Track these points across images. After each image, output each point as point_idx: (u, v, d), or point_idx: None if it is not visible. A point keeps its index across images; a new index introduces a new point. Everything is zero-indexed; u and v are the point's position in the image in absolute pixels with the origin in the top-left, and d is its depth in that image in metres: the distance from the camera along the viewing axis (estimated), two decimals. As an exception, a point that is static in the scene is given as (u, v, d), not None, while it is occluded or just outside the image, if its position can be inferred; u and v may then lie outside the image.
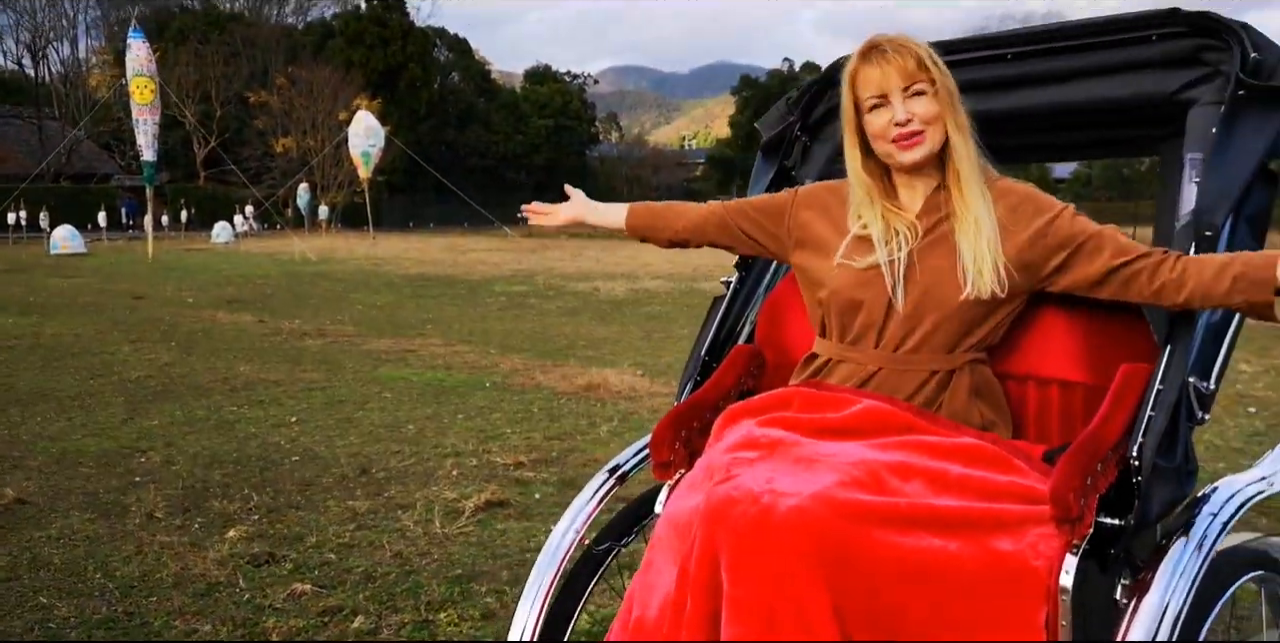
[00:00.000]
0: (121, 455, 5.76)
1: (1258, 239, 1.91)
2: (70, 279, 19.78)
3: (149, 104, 26.28)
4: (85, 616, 3.52)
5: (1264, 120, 1.84)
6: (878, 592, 1.51)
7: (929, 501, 1.59)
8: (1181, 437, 1.74)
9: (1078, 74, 2.10)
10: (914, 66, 1.90)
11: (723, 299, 2.33)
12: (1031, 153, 2.71)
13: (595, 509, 2.05)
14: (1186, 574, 1.59)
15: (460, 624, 3.45)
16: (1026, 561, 1.56)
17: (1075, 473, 1.58)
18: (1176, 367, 1.71)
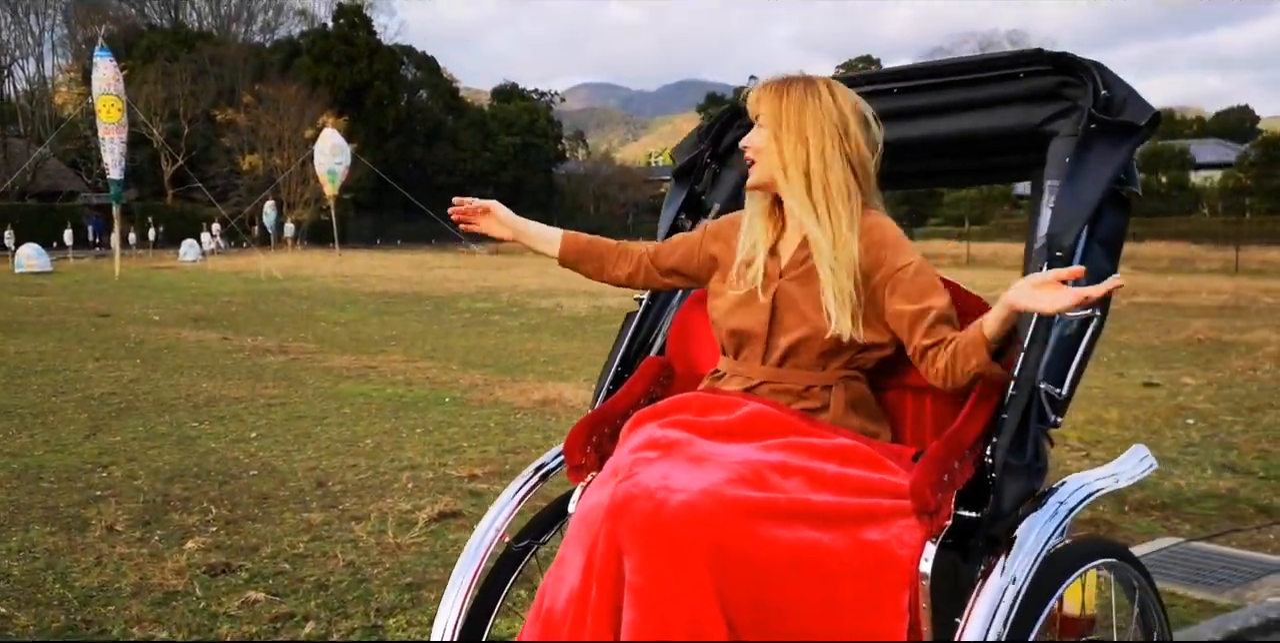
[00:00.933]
0: (83, 471, 5.87)
1: (1111, 260, 2.11)
2: (35, 297, 19.74)
3: (115, 123, 26.29)
4: (44, 624, 3.64)
5: (1112, 151, 2.04)
6: (759, 579, 1.68)
7: (806, 496, 1.77)
8: (1032, 437, 1.92)
9: (957, 107, 2.30)
10: (754, 101, 2.13)
11: (635, 315, 2.52)
12: (921, 179, 2.91)
13: (516, 508, 2.22)
14: (1026, 557, 1.77)
15: (408, 629, 3.60)
16: (892, 549, 1.75)
17: (933, 470, 1.76)
18: (1028, 374, 1.89)
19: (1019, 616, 1.70)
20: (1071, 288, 1.71)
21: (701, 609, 1.62)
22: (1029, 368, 1.89)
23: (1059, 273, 1.71)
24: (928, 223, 62.72)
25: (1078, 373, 2.00)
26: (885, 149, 2.21)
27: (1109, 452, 6.24)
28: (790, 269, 2.14)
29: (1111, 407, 7.76)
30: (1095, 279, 1.99)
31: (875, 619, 1.71)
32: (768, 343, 2.10)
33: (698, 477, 1.75)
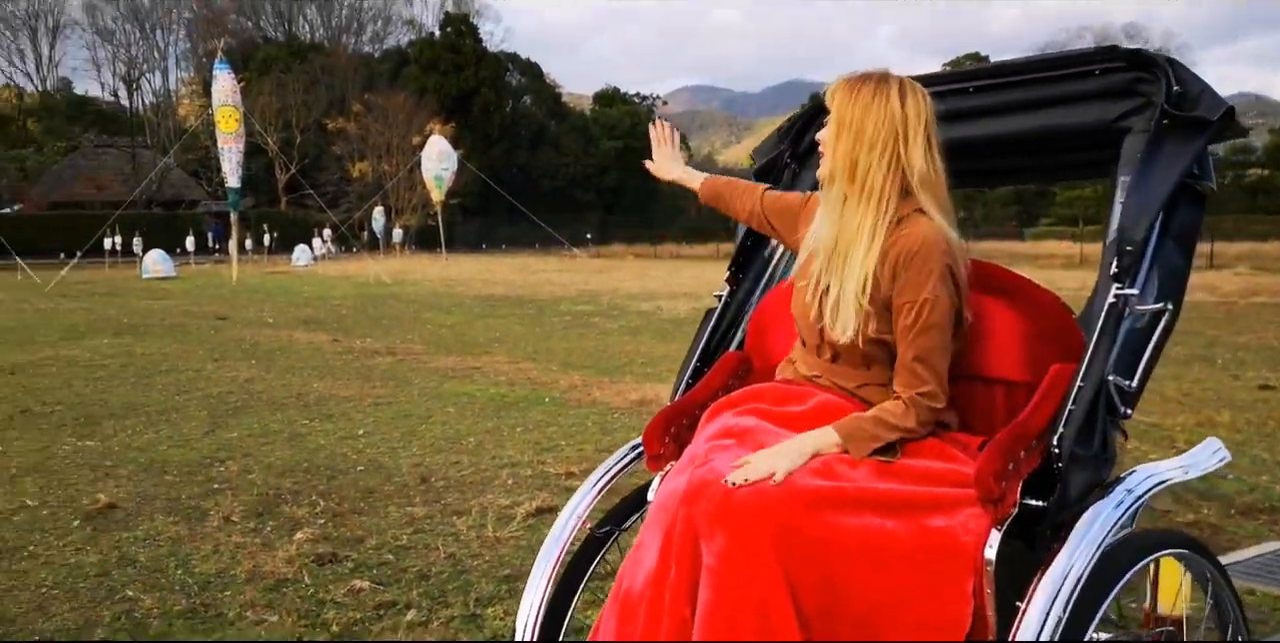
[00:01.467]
0: (203, 465, 6.18)
1: (1185, 255, 2.13)
2: (160, 301, 20.61)
3: (234, 133, 27.27)
4: (166, 607, 3.88)
5: (1184, 146, 2.05)
6: (826, 563, 1.76)
7: (873, 485, 1.84)
8: (1100, 428, 1.95)
9: (1032, 104, 2.32)
10: (829, 95, 2.15)
11: (714, 311, 2.61)
12: (997, 177, 2.94)
13: (597, 496, 2.33)
14: (1089, 544, 1.79)
15: (505, 618, 3.73)
16: (957, 536, 1.80)
17: (997, 459, 1.81)
18: (1097, 367, 1.92)
19: (1079, 602, 1.73)
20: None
21: (770, 591, 1.70)
22: (1097, 361, 1.92)
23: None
24: (1039, 223, 61.35)
25: (1149, 366, 2.03)
26: (961, 147, 2.24)
27: (1214, 455, 6.10)
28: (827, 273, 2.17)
29: (1224, 409, 7.57)
30: (1167, 273, 2.03)
31: (939, 603, 1.77)
32: (820, 340, 2.16)
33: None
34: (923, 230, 2.06)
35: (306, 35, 74.06)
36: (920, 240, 2.04)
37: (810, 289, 2.14)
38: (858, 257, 2.06)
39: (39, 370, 10.44)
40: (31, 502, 5.39)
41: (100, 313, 17.78)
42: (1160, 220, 2.08)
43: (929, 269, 2.02)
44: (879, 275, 2.05)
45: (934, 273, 2.02)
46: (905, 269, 2.04)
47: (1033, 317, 2.18)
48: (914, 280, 2.02)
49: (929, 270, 2.02)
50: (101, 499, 5.33)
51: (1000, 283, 2.25)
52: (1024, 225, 60.07)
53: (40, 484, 5.75)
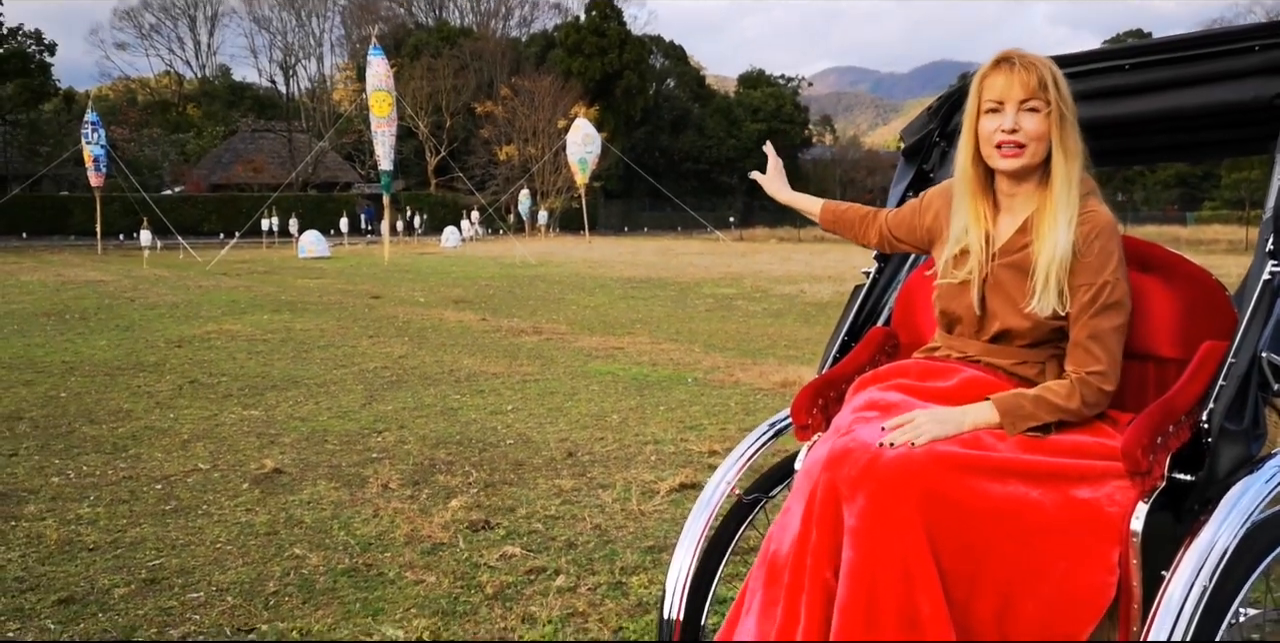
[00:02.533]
0: (361, 435, 6.46)
1: None
2: (316, 280, 21.46)
3: (386, 117, 28.11)
4: (331, 565, 4.09)
5: None
6: (969, 527, 1.78)
7: (1019, 455, 1.86)
8: (1251, 404, 1.92)
9: (1190, 81, 2.28)
10: (1035, 84, 2.08)
11: (862, 287, 2.63)
12: (1154, 154, 2.86)
13: (746, 463, 2.39)
14: (1236, 518, 1.77)
15: (650, 587, 3.83)
16: (1102, 508, 1.81)
17: (1145, 433, 1.81)
18: (1249, 343, 1.90)
19: (1224, 575, 1.72)
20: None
21: (913, 551, 1.74)
22: (1250, 337, 1.91)
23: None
24: (1203, 206, 58.67)
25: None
26: (1119, 125, 2.23)
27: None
28: (1004, 254, 2.18)
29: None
30: None
31: (1082, 572, 1.78)
32: (980, 325, 2.17)
33: None
34: (1101, 214, 2.09)
35: (456, 20, 75.70)
36: (1100, 223, 2.08)
37: (974, 286, 2.16)
38: (1059, 231, 2.07)
39: (204, 344, 11.03)
40: (203, 465, 5.73)
41: (259, 290, 18.61)
42: None
43: (1109, 251, 2.06)
44: (1077, 250, 2.08)
45: (1114, 255, 2.06)
46: (1086, 251, 2.06)
47: (1185, 293, 2.16)
48: (1095, 262, 2.05)
49: (1109, 252, 2.06)
50: (268, 464, 5.63)
51: (1154, 260, 2.24)
52: (1186, 209, 57.52)
53: (210, 449, 6.11)
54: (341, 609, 3.66)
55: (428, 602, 3.71)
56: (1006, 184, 2.20)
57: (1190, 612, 1.66)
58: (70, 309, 14.91)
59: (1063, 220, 2.08)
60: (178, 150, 57.78)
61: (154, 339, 11.42)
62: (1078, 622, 1.79)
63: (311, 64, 76.22)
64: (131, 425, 6.79)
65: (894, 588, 1.73)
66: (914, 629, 1.71)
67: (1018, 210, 2.20)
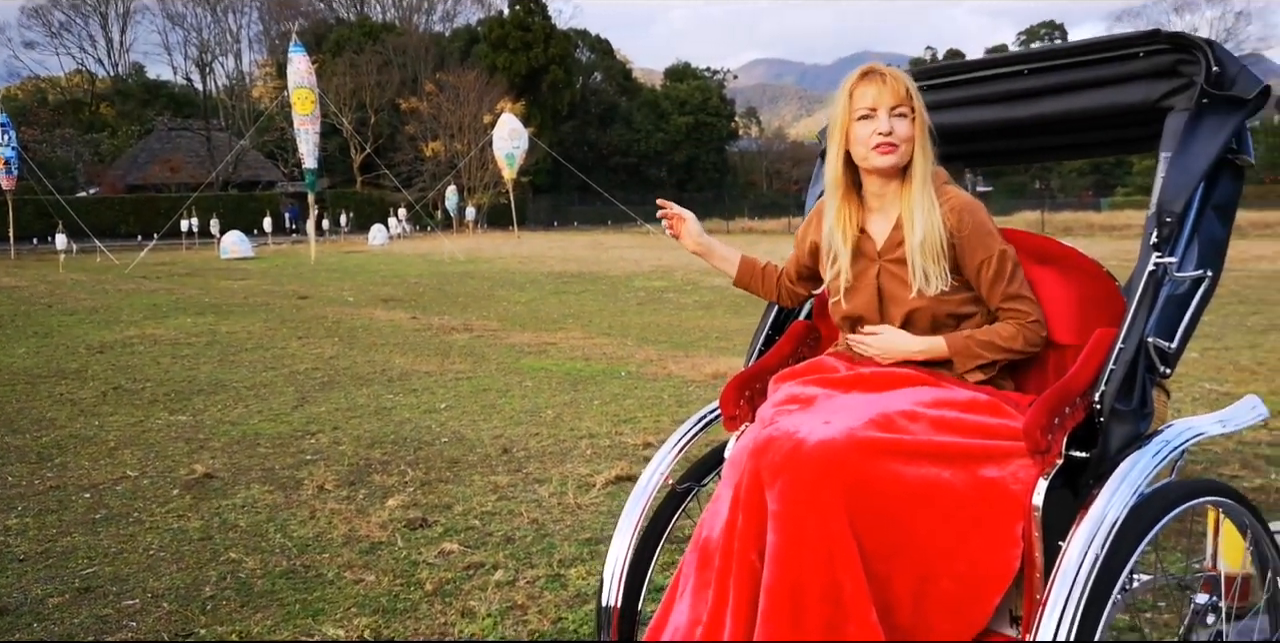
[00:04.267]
0: (294, 437, 6.42)
1: (1225, 223, 2.23)
2: (241, 281, 21.15)
3: (310, 114, 27.76)
4: (269, 568, 4.09)
5: (1222, 123, 2.16)
6: (887, 508, 1.88)
7: (931, 438, 1.96)
8: (1139, 385, 2.05)
9: (1082, 85, 2.40)
10: (903, 93, 2.27)
11: None
12: (1049, 152, 3.00)
13: (677, 455, 2.47)
14: (1126, 490, 1.90)
15: (588, 578, 3.89)
16: (1007, 485, 1.93)
17: (1043, 414, 1.92)
18: (1136, 329, 2.03)
19: (1114, 544, 1.83)
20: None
21: (834, 532, 1.83)
22: (1137, 324, 2.04)
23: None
24: (1116, 192, 60.15)
25: (1188, 329, 2.16)
26: (1018, 126, 2.36)
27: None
28: (888, 252, 2.34)
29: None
30: (1207, 242, 2.12)
31: (991, 546, 1.90)
32: (882, 318, 2.29)
33: (834, 422, 1.96)
34: (965, 199, 2.29)
35: (378, 16, 74.83)
36: (963, 201, 2.28)
37: (863, 276, 2.32)
38: (923, 217, 2.25)
39: (127, 349, 10.85)
40: (132, 472, 5.66)
41: (182, 293, 18.32)
42: (1201, 193, 2.18)
43: (986, 228, 2.26)
44: (952, 229, 2.24)
45: (992, 230, 2.27)
46: (967, 234, 2.25)
47: (1079, 284, 2.31)
48: (980, 240, 2.25)
49: (987, 229, 2.26)
50: (199, 469, 5.58)
51: (1050, 254, 2.38)
52: (1101, 195, 58.93)
53: (139, 456, 6.04)
54: (281, 611, 3.66)
55: (367, 601, 3.73)
56: (876, 185, 2.36)
57: (1085, 577, 1.77)
58: (-14, 316, 14.56)
59: (926, 206, 2.26)
60: (91, 151, 56.36)
61: (74, 345, 11.21)
62: (987, 592, 1.91)
63: (229, 61, 74.82)
64: (56, 434, 6.68)
65: (817, 568, 1.81)
66: (837, 607, 1.80)
67: (889, 210, 2.36)
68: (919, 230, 2.25)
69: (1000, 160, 3.06)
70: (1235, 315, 11.61)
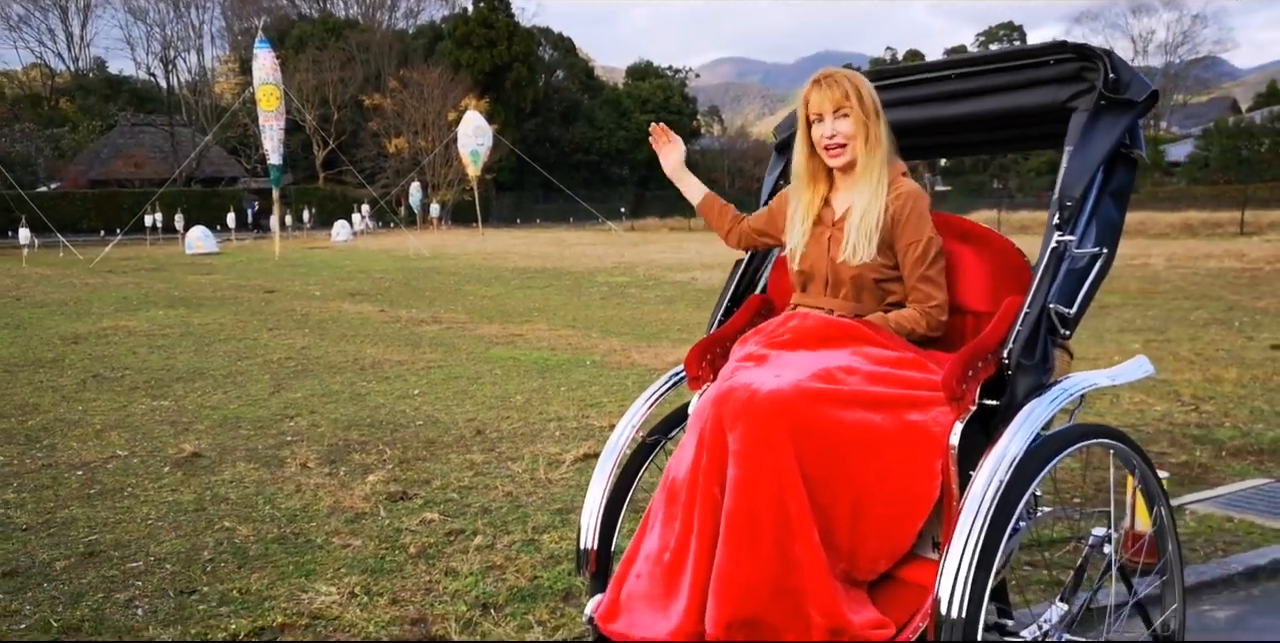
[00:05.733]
0: (273, 420, 6.69)
1: (1119, 209, 2.61)
2: (207, 276, 21.24)
3: (274, 110, 27.79)
4: (261, 535, 4.38)
5: (1116, 121, 2.53)
6: (828, 447, 2.21)
7: (865, 388, 2.30)
8: (1041, 344, 2.40)
9: (1001, 88, 2.76)
10: (840, 96, 2.60)
11: (742, 262, 3.07)
12: (971, 148, 3.37)
13: (647, 410, 2.80)
14: (1026, 430, 2.23)
15: (561, 543, 4.21)
16: (929, 428, 2.27)
17: (959, 367, 2.27)
18: (1039, 296, 2.39)
19: (1015, 474, 2.17)
20: None
21: (784, 467, 2.15)
22: (1040, 292, 2.39)
23: None
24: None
25: (1086, 297, 2.51)
26: (945, 124, 2.70)
27: (1218, 407, 6.49)
28: (843, 220, 2.67)
29: (1232, 367, 7.92)
30: (1104, 224, 2.47)
31: (914, 478, 2.25)
32: (828, 277, 2.62)
33: (782, 375, 2.30)
34: (912, 188, 2.62)
35: (341, 12, 74.53)
36: (910, 192, 2.61)
37: (819, 238, 2.62)
38: (866, 199, 2.60)
39: (102, 340, 11.02)
40: (121, 452, 5.91)
41: (150, 287, 18.41)
42: (1100, 181, 2.54)
43: (921, 212, 2.60)
44: (883, 217, 2.58)
45: (925, 216, 2.60)
46: (905, 218, 2.58)
47: (994, 260, 2.67)
48: (914, 225, 2.59)
49: (921, 213, 2.60)
50: (186, 449, 5.85)
51: (971, 233, 2.74)
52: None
53: (126, 437, 6.29)
54: (276, 572, 3.95)
55: (356, 562, 4.03)
56: (838, 176, 2.71)
57: (989, 502, 2.10)
58: (-46, 309, 14.62)
59: (868, 191, 2.60)
60: (52, 146, 55.80)
61: (48, 336, 11.36)
62: (912, 516, 2.24)
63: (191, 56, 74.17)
64: (41, 418, 6.90)
65: (770, 497, 2.14)
66: (786, 529, 2.12)
67: (850, 190, 2.70)
68: (857, 211, 2.60)
69: (935, 154, 3.42)
70: (1179, 310, 12.09)
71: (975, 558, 2.04)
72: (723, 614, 2.09)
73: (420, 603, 3.63)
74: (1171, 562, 2.73)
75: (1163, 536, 2.74)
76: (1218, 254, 21.54)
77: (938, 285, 2.59)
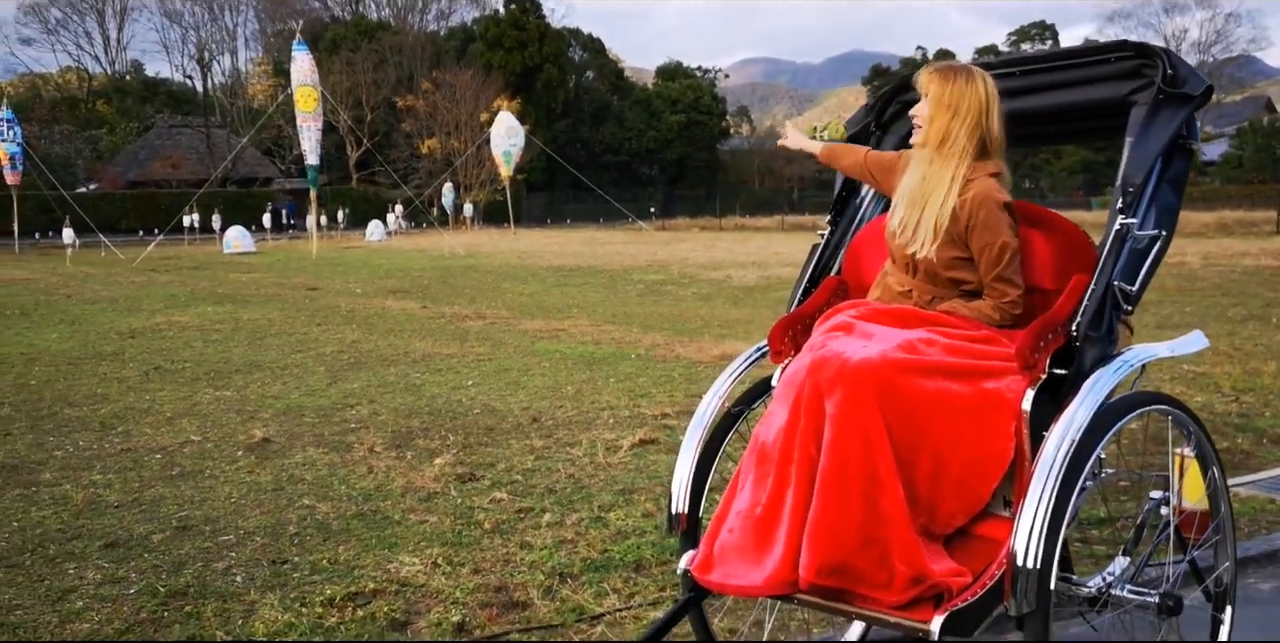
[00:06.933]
0: (335, 409, 6.93)
1: (1176, 195, 2.79)
2: (248, 275, 21.60)
3: (312, 112, 28.19)
4: (341, 512, 4.60)
5: (1174, 114, 2.71)
6: (911, 412, 2.39)
7: (944, 359, 2.48)
8: (1107, 318, 2.59)
9: (1064, 84, 2.95)
10: (929, 85, 2.78)
11: (818, 245, 3.25)
12: (1040, 140, 3.55)
13: (733, 382, 2.98)
14: (1094, 396, 2.42)
15: (626, 520, 4.41)
16: (1003, 394, 2.46)
17: (1031, 339, 2.46)
18: (1105, 274, 2.58)
19: (1084, 438, 2.35)
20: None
21: (874, 430, 2.35)
22: (1105, 270, 2.58)
23: None
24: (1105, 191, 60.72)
25: (1147, 275, 2.71)
26: (1013, 118, 2.87)
27: (1258, 398, 6.62)
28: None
29: (1270, 361, 8.02)
30: (1163, 209, 2.65)
31: (990, 440, 2.44)
32: (908, 260, 2.80)
33: (869, 346, 2.49)
34: (988, 189, 2.72)
35: (373, 14, 75.18)
36: (986, 197, 2.71)
37: (902, 223, 2.78)
38: (939, 197, 2.74)
39: (157, 334, 11.33)
40: (195, 437, 6.16)
41: (194, 285, 18.77)
42: (1159, 169, 2.72)
43: (998, 218, 2.71)
44: (955, 214, 2.72)
45: (1003, 221, 2.71)
46: (978, 220, 2.70)
47: (1061, 241, 2.85)
48: (989, 227, 2.71)
49: (998, 219, 2.71)
50: (257, 435, 6.09)
51: (1039, 217, 2.91)
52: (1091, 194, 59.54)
53: (196, 424, 6.54)
54: (360, 544, 4.18)
55: (435, 536, 4.25)
56: (930, 156, 2.84)
57: (1060, 461, 2.28)
58: (6, 306, 14.99)
59: (940, 190, 2.74)
60: (90, 147, 56.65)
61: (104, 331, 11.68)
62: (987, 475, 2.43)
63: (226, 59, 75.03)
64: (112, 407, 7.17)
65: (860, 455, 2.33)
66: (875, 484, 2.31)
67: (929, 178, 2.85)
68: (927, 207, 2.75)
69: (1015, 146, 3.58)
70: (1217, 307, 12.17)
71: (1048, 514, 2.22)
72: (815, 560, 2.28)
73: (500, 573, 3.84)
74: (1224, 521, 2.90)
75: (1215, 497, 2.90)
76: (1254, 252, 21.50)
77: (1013, 283, 2.73)
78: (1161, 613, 2.55)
